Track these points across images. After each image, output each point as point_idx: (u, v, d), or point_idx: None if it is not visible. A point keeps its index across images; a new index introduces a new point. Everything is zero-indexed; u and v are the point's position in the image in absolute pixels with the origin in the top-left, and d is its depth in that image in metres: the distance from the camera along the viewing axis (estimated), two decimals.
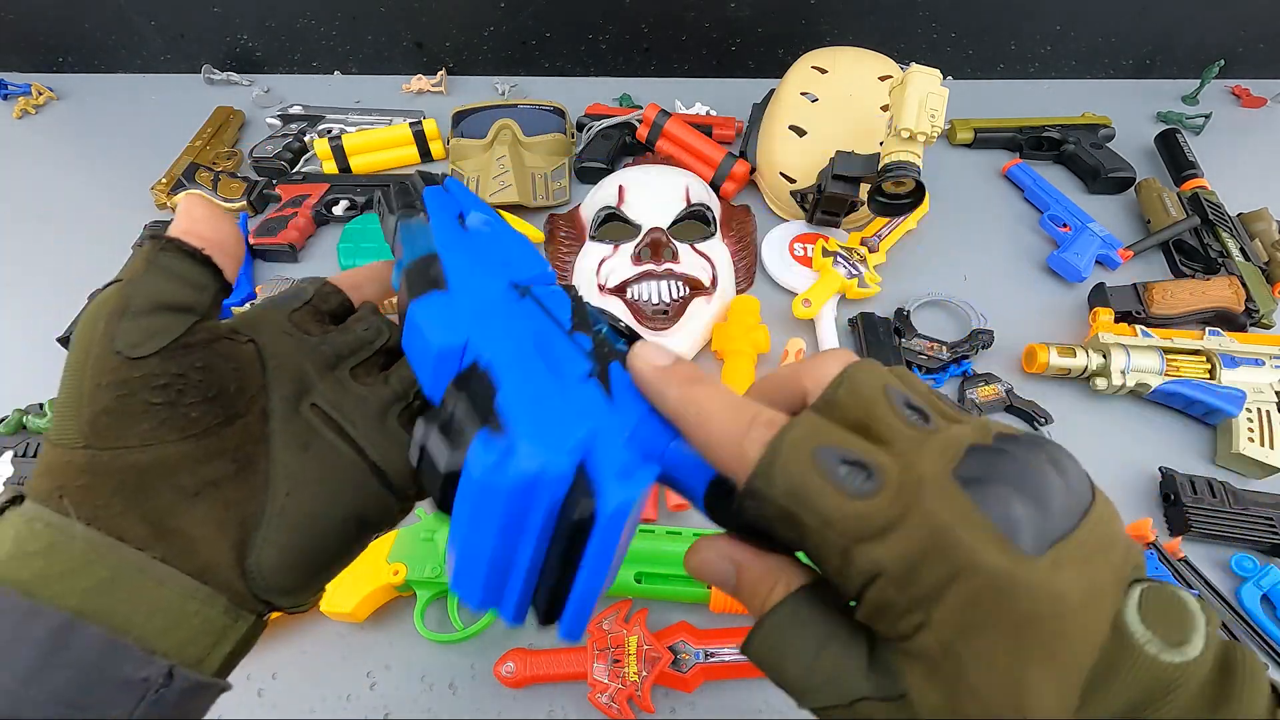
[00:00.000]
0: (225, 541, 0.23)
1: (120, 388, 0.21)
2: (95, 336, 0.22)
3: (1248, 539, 0.56)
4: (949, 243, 0.80)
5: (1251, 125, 0.96)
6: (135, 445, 0.21)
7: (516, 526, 0.19)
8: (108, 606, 0.20)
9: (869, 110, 0.75)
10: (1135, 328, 0.67)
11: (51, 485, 0.21)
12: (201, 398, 0.23)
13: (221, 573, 0.22)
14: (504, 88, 1.01)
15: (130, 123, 0.97)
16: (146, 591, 0.21)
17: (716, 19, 0.97)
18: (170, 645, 0.21)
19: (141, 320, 0.22)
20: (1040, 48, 1.00)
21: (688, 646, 0.49)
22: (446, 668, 0.51)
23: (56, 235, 0.83)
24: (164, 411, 0.22)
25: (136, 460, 0.21)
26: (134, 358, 0.21)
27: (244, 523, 0.23)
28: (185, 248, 0.24)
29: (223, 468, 0.23)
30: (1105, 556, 0.17)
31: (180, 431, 0.22)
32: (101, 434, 0.21)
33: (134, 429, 0.21)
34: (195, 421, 0.23)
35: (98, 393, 0.21)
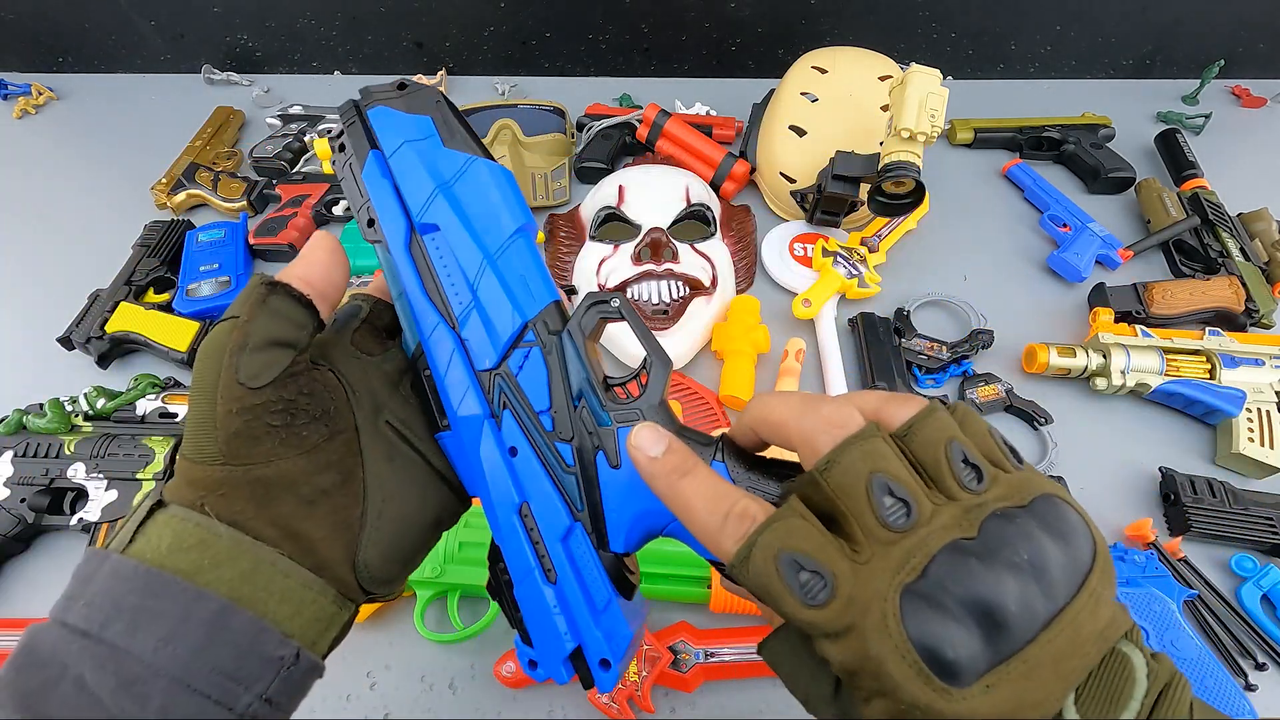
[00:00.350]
0: (338, 542, 0.26)
1: (246, 413, 0.25)
2: (221, 369, 0.25)
3: (1248, 539, 0.56)
4: (949, 243, 0.80)
5: (1251, 125, 0.96)
6: (261, 461, 0.25)
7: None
8: (250, 593, 0.24)
9: (869, 110, 0.75)
10: (1135, 328, 0.67)
11: (194, 495, 0.25)
12: (310, 419, 0.26)
13: (335, 569, 0.26)
14: (504, 88, 1.01)
15: (130, 123, 0.97)
16: (277, 582, 0.24)
17: (716, 19, 0.97)
18: (295, 628, 0.25)
19: (258, 355, 0.25)
20: (1040, 48, 1.00)
21: (688, 646, 0.49)
22: (446, 668, 0.51)
23: (56, 235, 0.83)
24: (282, 432, 0.25)
25: (263, 474, 0.25)
26: (254, 387, 0.25)
27: (350, 525, 0.27)
28: (293, 293, 0.27)
29: (331, 479, 0.26)
30: (1058, 666, 0.18)
31: (296, 449, 0.26)
32: (235, 453, 0.25)
33: (259, 448, 0.25)
34: (306, 440, 0.26)
35: (229, 418, 0.24)
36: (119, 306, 0.69)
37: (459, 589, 0.52)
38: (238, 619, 0.23)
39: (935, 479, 0.21)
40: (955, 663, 0.18)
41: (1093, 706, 0.18)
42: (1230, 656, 0.51)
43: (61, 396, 0.61)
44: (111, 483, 0.56)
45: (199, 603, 0.23)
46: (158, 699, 0.21)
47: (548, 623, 0.27)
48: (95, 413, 0.61)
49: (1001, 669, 0.18)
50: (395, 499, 0.28)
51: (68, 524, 0.55)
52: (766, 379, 0.66)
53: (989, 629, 0.18)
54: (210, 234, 0.77)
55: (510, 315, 0.27)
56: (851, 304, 0.73)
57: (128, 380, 0.63)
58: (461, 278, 0.28)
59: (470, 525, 0.52)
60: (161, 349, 0.67)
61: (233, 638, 0.23)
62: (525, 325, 0.27)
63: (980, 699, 0.17)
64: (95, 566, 0.23)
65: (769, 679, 0.50)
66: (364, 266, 0.75)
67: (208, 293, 0.72)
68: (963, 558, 0.19)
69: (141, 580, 0.23)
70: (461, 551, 0.51)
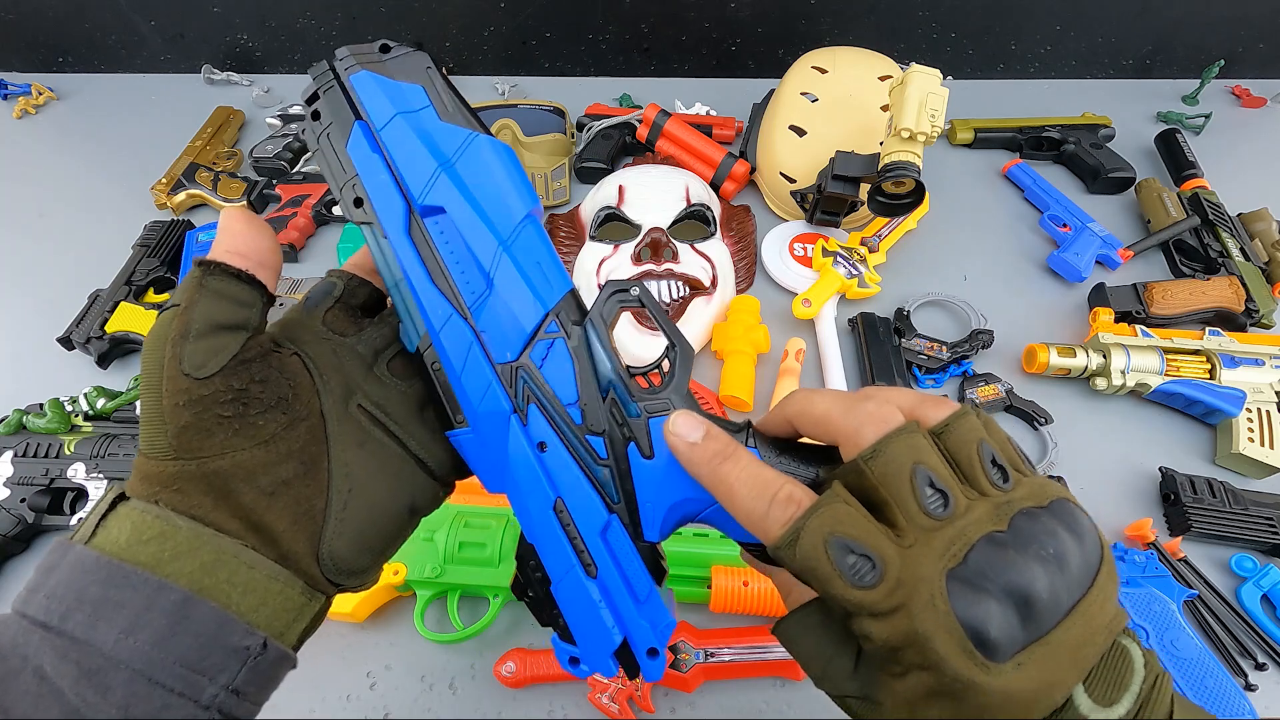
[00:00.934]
0: (301, 534, 0.25)
1: (195, 405, 0.24)
2: (165, 360, 0.24)
3: (1248, 539, 0.56)
4: (949, 243, 0.80)
5: (1251, 125, 0.96)
6: (214, 454, 0.24)
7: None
8: (213, 585, 0.23)
9: (869, 110, 0.75)
10: (1135, 328, 0.67)
11: (149, 491, 0.24)
12: (265, 407, 0.25)
13: (300, 560, 0.25)
14: (504, 88, 1.01)
15: (130, 123, 0.97)
16: (241, 573, 0.24)
17: (716, 19, 0.97)
18: (261, 620, 0.24)
19: (202, 342, 0.24)
20: (1040, 48, 1.00)
21: (688, 646, 0.49)
22: (446, 668, 0.51)
23: (56, 235, 0.83)
24: (235, 423, 0.24)
25: (218, 467, 0.24)
26: (201, 378, 0.24)
27: (314, 516, 0.26)
28: (230, 270, 0.26)
29: (293, 469, 0.25)
30: (1075, 651, 0.20)
31: (251, 439, 0.25)
32: (185, 446, 0.24)
33: (212, 440, 0.24)
34: (262, 429, 0.25)
35: (176, 411, 0.24)
36: (119, 306, 0.69)
37: (459, 589, 0.52)
38: (199, 610, 0.23)
39: (968, 476, 0.22)
40: (996, 641, 0.19)
41: (1099, 690, 0.20)
42: (1230, 656, 0.51)
43: (61, 396, 0.61)
44: (111, 483, 0.56)
45: (160, 593, 0.22)
46: (120, 690, 0.21)
47: (593, 617, 0.27)
48: (95, 413, 0.61)
49: (1030, 649, 0.19)
50: (364, 487, 0.27)
51: (68, 524, 0.55)
52: (766, 379, 0.66)
53: (1023, 613, 0.19)
54: (210, 234, 0.77)
55: (531, 305, 0.26)
56: (851, 304, 0.73)
57: (128, 380, 0.63)
58: (474, 265, 0.26)
59: (470, 525, 0.52)
60: None
61: (195, 628, 0.22)
62: (546, 315, 0.26)
63: (1012, 675, 0.19)
64: (58, 558, 0.23)
65: (769, 679, 0.50)
66: None
67: None
68: (999, 548, 0.20)
69: (104, 571, 0.22)
70: (461, 551, 0.51)
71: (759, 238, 0.79)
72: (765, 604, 0.49)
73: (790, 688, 0.49)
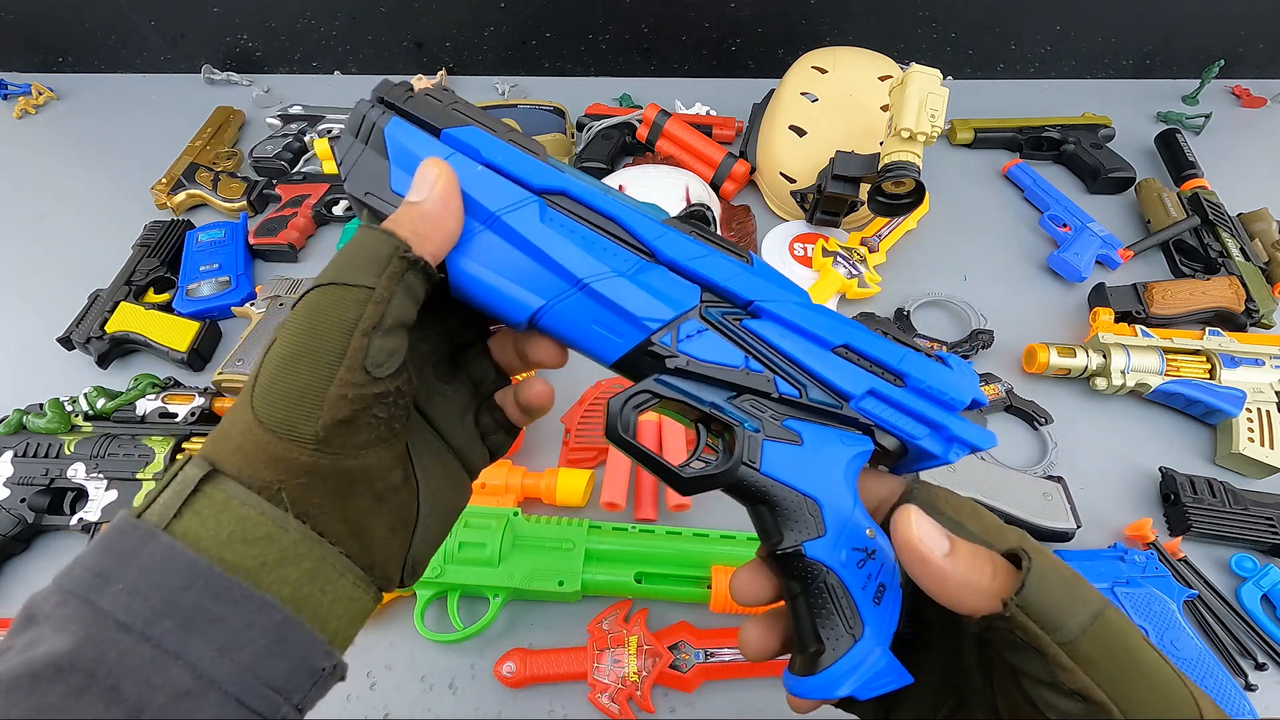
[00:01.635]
0: (396, 540, 0.25)
1: (360, 402, 0.22)
2: (350, 349, 0.22)
3: (1248, 539, 0.55)
4: (949, 243, 0.80)
5: (1251, 125, 0.96)
6: (352, 453, 0.23)
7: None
8: (309, 595, 0.22)
9: (869, 110, 0.75)
10: (1135, 328, 0.67)
11: (273, 477, 0.22)
12: (405, 411, 0.24)
13: (386, 567, 0.25)
14: (504, 88, 1.01)
15: (130, 123, 0.97)
16: (334, 582, 0.23)
17: (716, 19, 0.97)
18: (337, 629, 0.23)
19: (388, 339, 0.23)
20: (1040, 48, 1.00)
21: (688, 646, 0.49)
22: (446, 668, 0.51)
23: (56, 235, 0.83)
24: (382, 425, 0.23)
25: (349, 466, 0.23)
26: (377, 376, 0.23)
27: (409, 522, 0.26)
28: (429, 271, 0.24)
29: (399, 474, 0.25)
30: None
31: (384, 442, 0.24)
32: (332, 440, 0.22)
33: (358, 438, 0.23)
34: (394, 433, 0.24)
35: (340, 403, 0.22)
36: (119, 306, 0.69)
37: (459, 589, 0.52)
38: (296, 633, 0.21)
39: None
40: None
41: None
42: (1230, 656, 0.51)
43: (61, 396, 0.61)
44: (111, 483, 0.56)
45: (263, 613, 0.21)
46: (209, 712, 0.19)
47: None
48: (95, 413, 0.61)
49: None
50: (441, 492, 0.27)
51: (68, 524, 0.55)
52: None
53: None
54: (210, 234, 0.77)
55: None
56: (851, 304, 0.73)
57: (128, 380, 0.63)
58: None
59: (470, 525, 0.52)
60: (161, 349, 0.67)
61: (290, 651, 0.21)
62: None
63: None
64: (135, 545, 0.20)
65: (769, 679, 0.50)
66: None
67: (208, 293, 0.72)
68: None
69: (201, 579, 0.20)
70: (461, 551, 0.51)
71: (759, 238, 0.79)
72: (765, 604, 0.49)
73: None
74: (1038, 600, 0.21)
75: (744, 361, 0.27)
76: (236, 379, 0.64)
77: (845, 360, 0.27)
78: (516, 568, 0.51)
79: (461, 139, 0.26)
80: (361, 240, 0.24)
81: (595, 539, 0.53)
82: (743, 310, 0.27)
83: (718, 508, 0.58)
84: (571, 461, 0.61)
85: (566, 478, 0.56)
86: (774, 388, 0.27)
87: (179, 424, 0.60)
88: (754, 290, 0.27)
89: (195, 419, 0.60)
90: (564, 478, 0.56)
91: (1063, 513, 0.56)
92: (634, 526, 0.54)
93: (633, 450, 0.26)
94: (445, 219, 0.25)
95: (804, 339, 0.27)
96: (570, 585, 0.50)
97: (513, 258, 0.26)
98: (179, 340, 0.67)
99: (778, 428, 0.26)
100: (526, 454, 0.62)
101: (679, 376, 0.26)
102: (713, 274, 0.27)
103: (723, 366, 0.26)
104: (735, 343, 0.27)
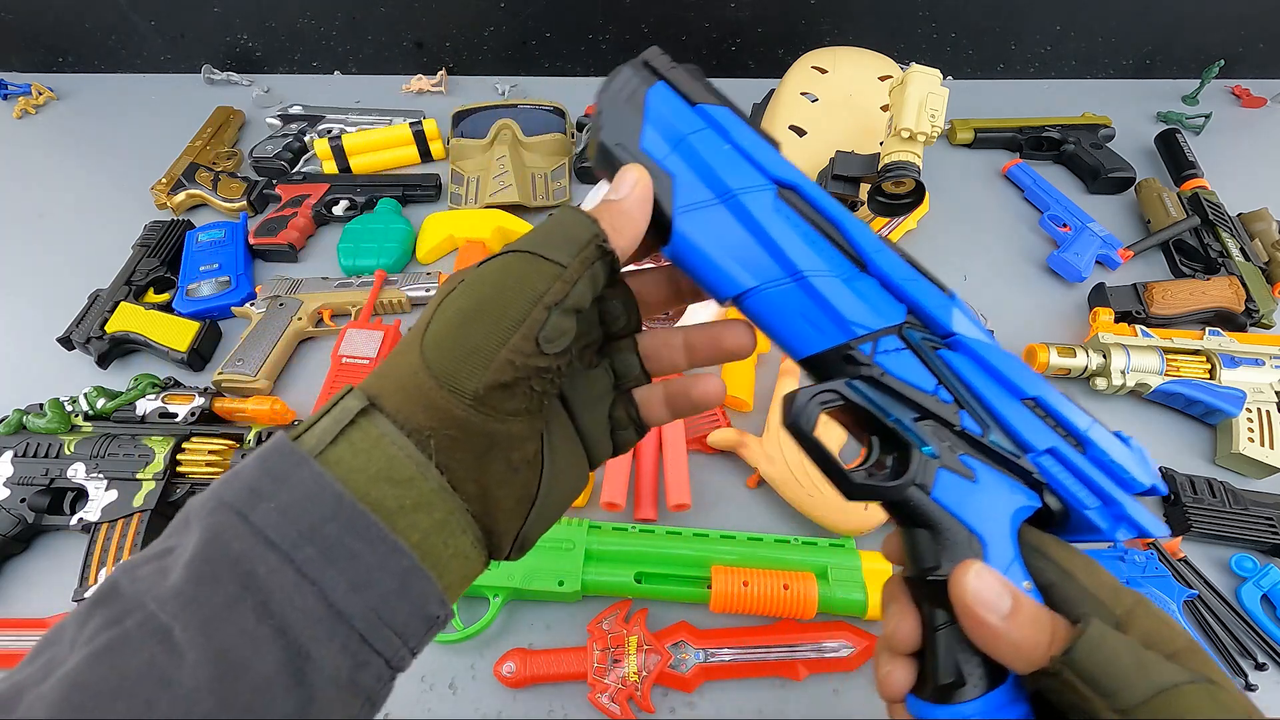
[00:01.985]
0: (517, 514, 0.25)
1: (523, 370, 0.23)
2: (529, 318, 0.23)
3: (1248, 539, 0.55)
4: (949, 243, 0.80)
5: (1251, 125, 0.96)
6: (500, 417, 0.23)
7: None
8: (434, 544, 0.23)
9: (869, 110, 0.75)
10: (1135, 328, 0.67)
11: (427, 423, 0.23)
12: (556, 388, 0.25)
13: (501, 537, 0.25)
14: (504, 88, 1.01)
15: (130, 123, 0.97)
16: (456, 538, 0.24)
17: (716, 19, 0.97)
18: (450, 583, 0.24)
19: (564, 319, 0.23)
20: (1040, 48, 1.00)
21: (688, 646, 0.49)
22: (446, 668, 0.51)
23: (56, 235, 0.83)
24: (534, 398, 0.24)
25: (495, 429, 0.23)
26: (547, 352, 0.23)
27: (530, 498, 0.26)
28: (615, 263, 0.25)
29: (534, 448, 0.25)
30: None
31: (529, 412, 0.24)
32: (487, 400, 0.23)
33: (509, 404, 0.23)
34: (542, 407, 0.25)
35: (505, 367, 0.23)
36: (119, 306, 0.69)
37: None
38: (419, 581, 0.22)
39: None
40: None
41: None
42: (1230, 656, 0.51)
43: (61, 396, 0.61)
44: (111, 483, 0.56)
45: (394, 557, 0.22)
46: (337, 641, 0.20)
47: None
48: (95, 413, 0.61)
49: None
50: (562, 475, 0.27)
51: (68, 524, 0.55)
52: (767, 379, 0.66)
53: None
54: (210, 234, 0.77)
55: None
56: None
57: (128, 380, 0.63)
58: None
59: None
60: (161, 349, 0.67)
61: (413, 595, 0.22)
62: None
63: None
64: (290, 467, 0.21)
65: (769, 679, 0.50)
66: (364, 266, 0.75)
67: (208, 293, 0.72)
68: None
69: (346, 513, 0.21)
70: None
71: None
72: (765, 604, 0.49)
73: (790, 687, 0.49)
74: (1089, 663, 0.22)
75: (935, 388, 0.27)
76: (237, 379, 0.64)
77: (1033, 413, 0.27)
78: (516, 568, 0.51)
79: (714, 116, 0.28)
80: (564, 218, 0.25)
81: (595, 539, 0.53)
82: (940, 340, 0.28)
83: (718, 508, 0.58)
84: None
85: None
86: (958, 420, 0.27)
87: (179, 424, 0.60)
88: (955, 323, 0.27)
89: (195, 419, 0.60)
90: None
91: None
92: (634, 526, 0.54)
93: (810, 445, 0.26)
94: (640, 219, 0.26)
95: (996, 383, 0.27)
96: (570, 585, 0.50)
97: (738, 236, 0.27)
98: (179, 340, 0.67)
99: (954, 460, 0.27)
100: None
101: (870, 385, 0.27)
102: (921, 297, 0.27)
103: (914, 388, 0.27)
104: (929, 368, 0.27)
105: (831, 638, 0.50)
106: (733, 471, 0.61)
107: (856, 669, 0.50)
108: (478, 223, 0.78)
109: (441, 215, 0.80)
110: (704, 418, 0.63)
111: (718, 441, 0.60)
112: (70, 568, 0.54)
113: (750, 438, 0.60)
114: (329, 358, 0.67)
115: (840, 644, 0.49)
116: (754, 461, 0.59)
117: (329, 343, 0.70)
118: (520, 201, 0.80)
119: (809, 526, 0.57)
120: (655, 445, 0.60)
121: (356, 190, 0.83)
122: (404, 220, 0.79)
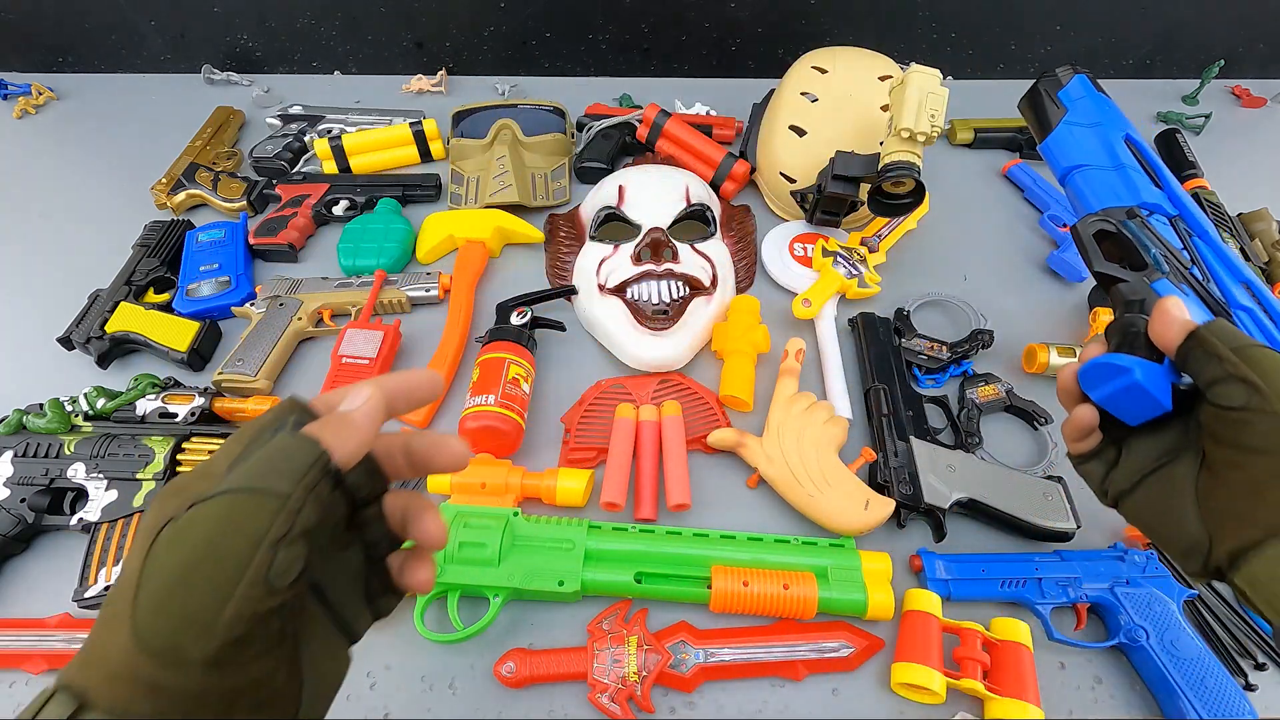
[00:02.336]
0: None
1: (257, 618, 0.20)
2: (254, 563, 0.20)
3: None
4: (949, 243, 0.80)
5: (1251, 125, 0.96)
6: (237, 669, 0.21)
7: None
8: None
9: (869, 110, 0.75)
10: None
11: (152, 711, 0.20)
12: (299, 611, 0.23)
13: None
14: (504, 88, 1.01)
15: (130, 123, 0.97)
16: None
17: (716, 19, 0.97)
18: None
19: (293, 549, 0.21)
20: (1040, 48, 1.00)
21: (688, 646, 0.49)
22: (446, 668, 0.51)
23: (56, 235, 0.83)
24: (274, 634, 0.21)
25: (236, 684, 0.21)
26: (279, 587, 0.21)
27: (284, 716, 0.24)
28: (342, 483, 0.24)
29: (282, 676, 0.23)
30: None
31: (268, 650, 0.22)
32: (222, 660, 0.20)
33: (246, 653, 0.21)
34: (285, 636, 0.22)
35: (235, 622, 0.20)
36: (119, 306, 0.69)
37: (459, 589, 0.52)
38: None
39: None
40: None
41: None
42: (1230, 656, 0.51)
43: (61, 396, 0.61)
44: (111, 483, 0.56)
45: None
46: None
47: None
48: (95, 413, 0.61)
49: None
50: (322, 679, 0.25)
51: (68, 524, 0.55)
52: (766, 379, 0.66)
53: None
54: (210, 234, 0.77)
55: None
56: (851, 304, 0.73)
57: (128, 380, 0.63)
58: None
59: (470, 526, 0.52)
60: (161, 349, 0.67)
61: None
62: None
63: None
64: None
65: (769, 679, 0.50)
66: (364, 266, 0.75)
67: (208, 293, 0.72)
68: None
69: None
70: (461, 551, 0.51)
71: (759, 238, 0.79)
72: (765, 604, 0.49)
73: (790, 687, 0.49)
74: (1213, 329, 0.32)
75: (1180, 249, 0.45)
76: (236, 379, 0.64)
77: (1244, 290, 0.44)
78: (516, 568, 0.51)
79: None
80: (285, 445, 0.23)
81: (595, 539, 0.53)
82: (1191, 233, 0.46)
83: (718, 508, 0.58)
84: (571, 461, 0.61)
85: (566, 478, 0.56)
86: (1188, 267, 0.44)
87: (179, 424, 0.60)
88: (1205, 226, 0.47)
89: (195, 419, 0.60)
90: (564, 478, 0.56)
91: (1063, 513, 0.56)
92: (634, 526, 0.55)
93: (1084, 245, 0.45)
94: (367, 429, 0.25)
95: (1223, 264, 0.45)
96: (570, 585, 0.50)
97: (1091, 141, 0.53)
98: (179, 340, 0.67)
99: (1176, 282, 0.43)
100: (526, 454, 0.62)
101: (1139, 226, 0.46)
102: (1188, 210, 0.47)
103: (1166, 241, 0.45)
104: (1180, 239, 0.45)
105: (831, 638, 0.50)
106: (733, 471, 0.61)
107: (856, 669, 0.50)
108: (477, 223, 0.78)
109: (441, 215, 0.80)
110: (703, 416, 0.63)
111: (718, 441, 0.60)
112: (70, 568, 0.54)
113: (750, 438, 0.60)
114: (329, 358, 0.67)
115: (840, 644, 0.49)
116: (754, 461, 0.59)
117: (329, 343, 0.70)
118: (520, 201, 0.80)
119: (809, 526, 0.57)
120: (655, 445, 0.60)
121: (356, 190, 0.83)
122: (404, 220, 0.79)
